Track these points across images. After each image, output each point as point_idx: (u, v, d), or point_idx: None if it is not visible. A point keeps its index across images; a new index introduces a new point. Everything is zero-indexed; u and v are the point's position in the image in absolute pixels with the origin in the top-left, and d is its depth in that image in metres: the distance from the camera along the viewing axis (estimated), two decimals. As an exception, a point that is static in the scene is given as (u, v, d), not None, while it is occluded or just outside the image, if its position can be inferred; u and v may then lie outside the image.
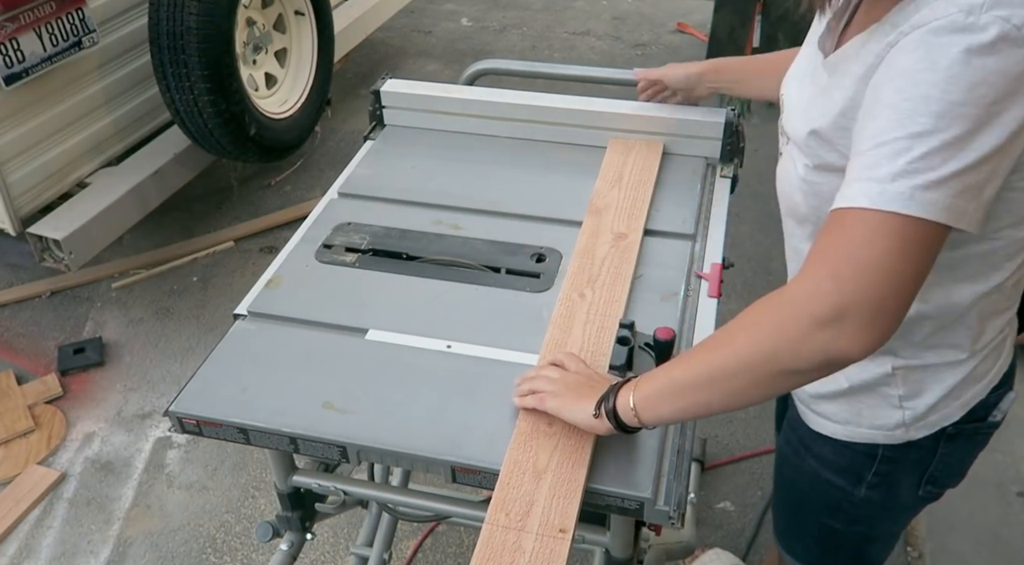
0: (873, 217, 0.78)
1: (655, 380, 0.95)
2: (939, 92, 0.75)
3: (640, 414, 0.95)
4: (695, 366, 0.91)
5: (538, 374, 1.08)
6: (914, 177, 0.76)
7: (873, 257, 0.78)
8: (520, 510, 0.98)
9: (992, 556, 2.07)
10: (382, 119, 1.78)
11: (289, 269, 1.39)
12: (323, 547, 2.18)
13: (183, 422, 1.15)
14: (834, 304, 0.79)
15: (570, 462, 1.03)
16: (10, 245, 2.64)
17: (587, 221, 1.43)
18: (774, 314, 0.85)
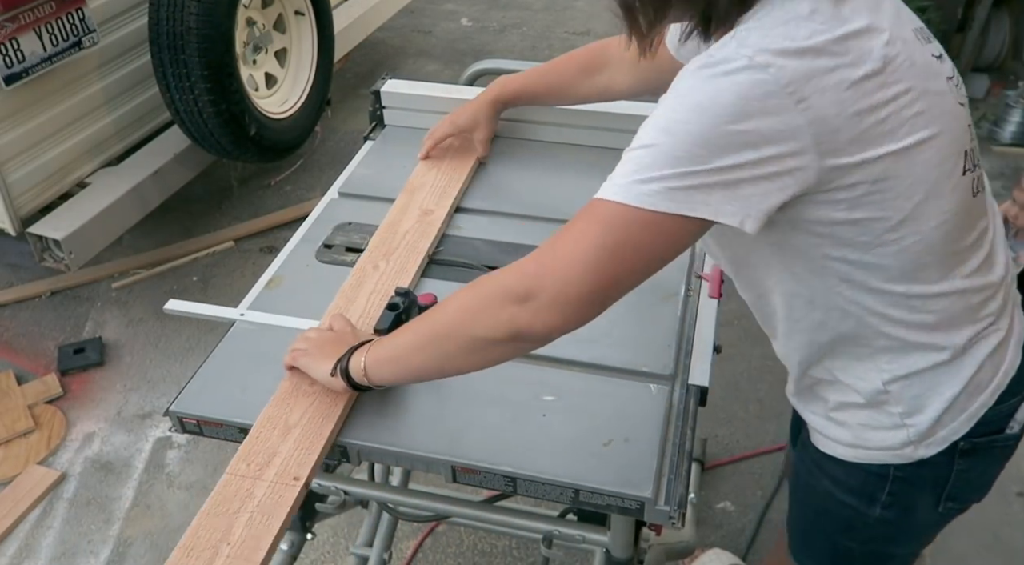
0: (595, 206, 0.87)
1: (384, 344, 1.05)
2: (669, 111, 0.85)
3: (369, 375, 1.04)
4: (415, 332, 1.01)
5: (302, 336, 1.16)
6: (632, 175, 0.85)
7: (578, 248, 0.86)
8: (261, 461, 1.05)
9: (992, 556, 2.07)
10: (382, 119, 1.78)
11: (289, 269, 1.39)
12: (323, 547, 2.18)
13: (183, 422, 1.15)
14: (527, 283, 0.89)
15: (320, 417, 1.09)
16: (10, 245, 2.64)
17: (400, 198, 1.50)
18: (482, 286, 0.95)
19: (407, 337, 1.03)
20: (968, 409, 1.05)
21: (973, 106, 3.93)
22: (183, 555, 0.95)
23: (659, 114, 0.86)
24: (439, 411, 1.13)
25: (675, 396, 1.15)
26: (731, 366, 2.63)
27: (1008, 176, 3.50)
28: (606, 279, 0.87)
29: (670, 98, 0.87)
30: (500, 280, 0.93)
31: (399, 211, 1.47)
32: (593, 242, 0.86)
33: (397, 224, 1.43)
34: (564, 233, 0.89)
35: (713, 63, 0.84)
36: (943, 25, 3.68)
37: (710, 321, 1.26)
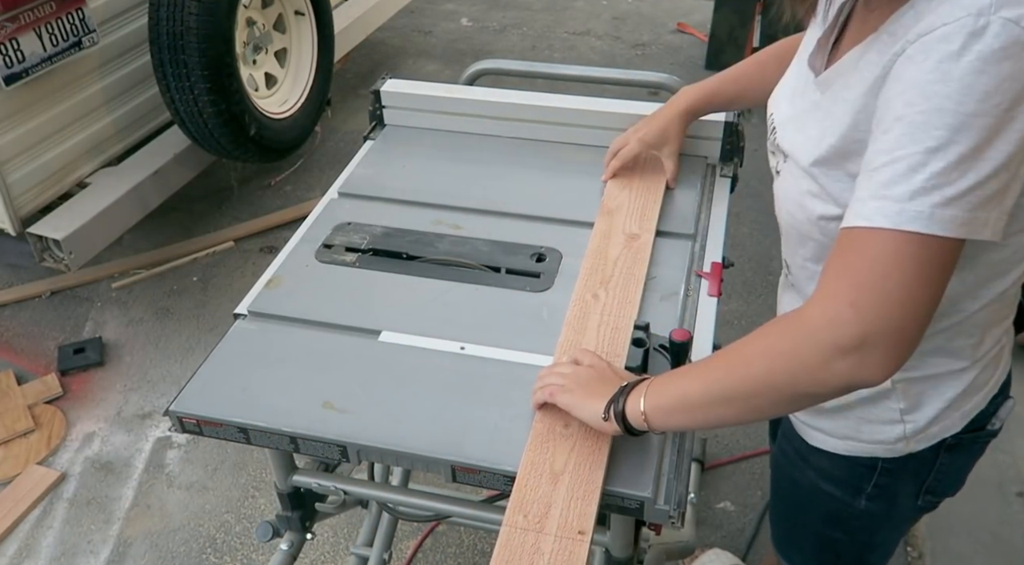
0: (892, 238, 0.76)
1: (667, 390, 0.94)
2: (953, 104, 0.73)
3: (650, 422, 0.95)
4: (710, 385, 0.90)
5: (552, 370, 1.08)
6: (932, 194, 0.75)
7: (893, 283, 0.77)
8: (538, 512, 0.98)
9: (992, 556, 2.07)
10: (382, 119, 1.78)
11: (289, 269, 1.39)
12: (323, 547, 2.18)
13: (183, 422, 1.15)
14: (855, 334, 0.78)
15: (587, 463, 1.02)
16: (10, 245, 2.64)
17: (599, 222, 1.43)
18: (793, 340, 0.83)
19: (699, 386, 0.92)
20: (962, 408, 1.06)
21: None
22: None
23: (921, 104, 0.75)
24: (439, 411, 1.12)
25: (675, 396, 1.15)
26: (731, 366, 2.62)
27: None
28: (926, 318, 0.79)
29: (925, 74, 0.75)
30: (814, 332, 0.81)
31: (602, 236, 1.39)
32: (909, 277, 0.77)
33: (605, 251, 1.36)
34: (868, 266, 0.78)
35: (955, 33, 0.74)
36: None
37: (710, 320, 1.26)
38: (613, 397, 0.98)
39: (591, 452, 1.03)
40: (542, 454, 1.04)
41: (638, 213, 1.44)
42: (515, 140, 1.71)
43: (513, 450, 1.06)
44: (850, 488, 1.13)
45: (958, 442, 1.08)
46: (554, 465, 1.02)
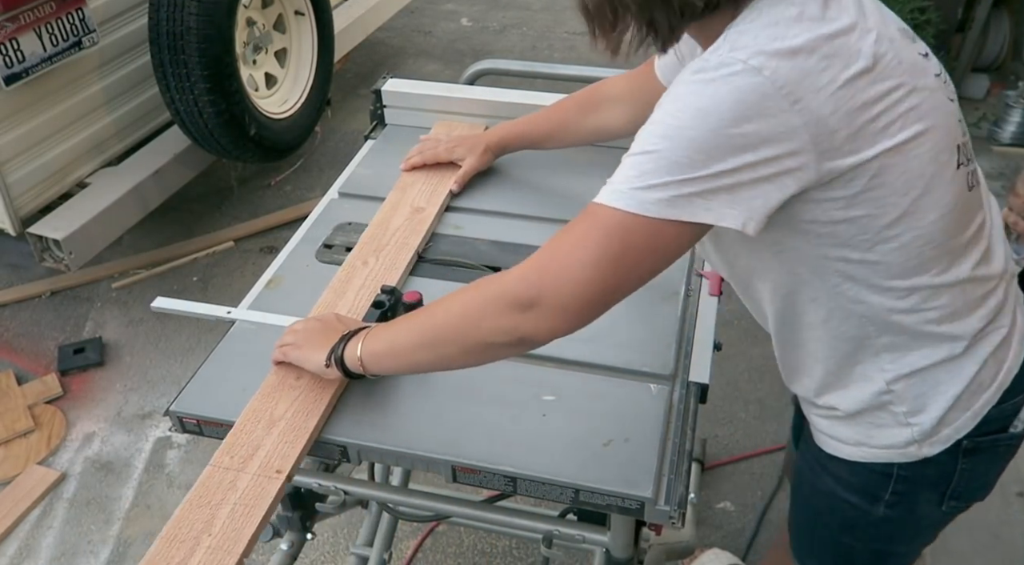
0: (596, 211, 0.88)
1: (381, 336, 1.05)
2: (670, 117, 0.85)
3: (365, 366, 1.06)
4: (414, 331, 1.02)
5: (289, 329, 1.17)
6: (634, 181, 0.85)
7: (571, 248, 0.88)
8: (244, 454, 1.06)
9: (992, 556, 2.07)
10: (383, 118, 1.78)
11: (289, 269, 1.39)
12: (323, 547, 2.18)
13: (183, 422, 1.15)
14: (529, 295, 0.89)
15: (305, 411, 1.10)
16: (10, 245, 2.64)
17: (390, 195, 1.50)
18: (484, 291, 0.95)
19: (405, 333, 1.03)
20: (972, 407, 1.05)
21: (973, 106, 3.94)
22: (166, 545, 0.95)
23: (658, 119, 0.87)
24: (439, 411, 1.12)
25: (675, 396, 1.15)
26: (731, 366, 2.63)
27: (1008, 176, 3.51)
28: (608, 285, 0.88)
29: (668, 103, 0.87)
30: (502, 286, 0.93)
31: (390, 208, 1.48)
32: (595, 249, 0.87)
33: (388, 221, 1.44)
34: (564, 238, 0.90)
35: (709, 67, 0.84)
36: (943, 25, 3.68)
37: (710, 319, 1.26)
38: (334, 345, 1.08)
39: (312, 402, 1.11)
40: (266, 403, 1.12)
41: (430, 189, 1.52)
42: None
43: (514, 450, 1.06)
44: (868, 496, 1.12)
45: (976, 446, 1.07)
46: (274, 413, 1.10)
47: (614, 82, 1.43)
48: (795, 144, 0.83)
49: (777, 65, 0.82)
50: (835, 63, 0.84)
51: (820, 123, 0.83)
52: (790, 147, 0.83)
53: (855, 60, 0.85)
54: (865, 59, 0.85)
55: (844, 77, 0.84)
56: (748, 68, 0.82)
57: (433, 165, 1.57)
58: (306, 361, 1.12)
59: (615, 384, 1.17)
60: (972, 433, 1.06)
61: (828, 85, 0.83)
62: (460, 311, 0.97)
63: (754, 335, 2.71)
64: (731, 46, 0.85)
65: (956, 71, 3.81)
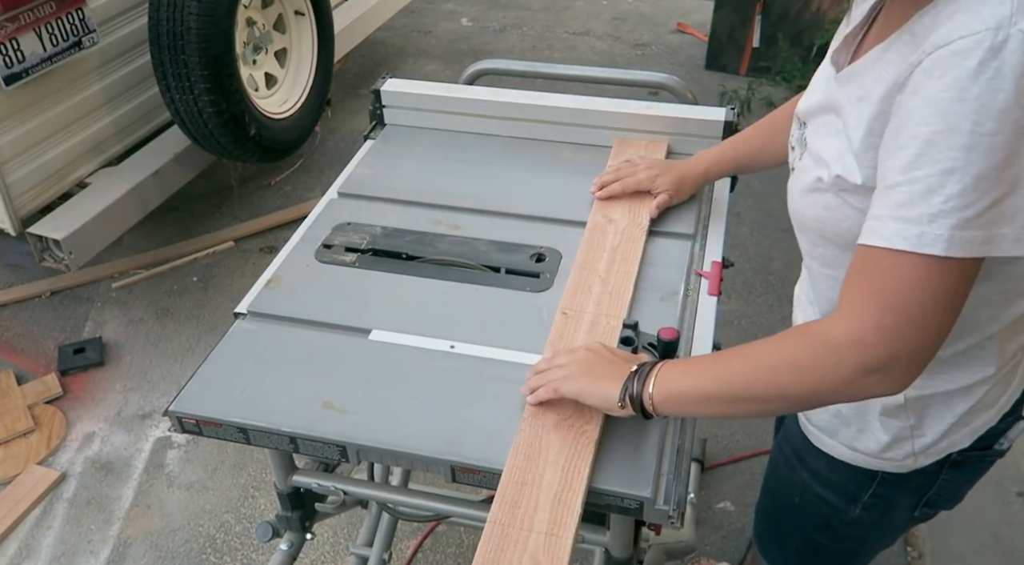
0: (911, 261, 0.77)
1: (681, 380, 0.96)
2: (969, 124, 0.72)
3: (657, 407, 0.96)
4: (729, 383, 0.92)
5: (549, 365, 1.06)
6: (950, 216, 0.75)
7: (914, 305, 0.79)
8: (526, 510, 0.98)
9: (992, 556, 2.07)
10: (382, 118, 1.78)
11: (289, 269, 1.39)
12: (323, 547, 2.18)
13: (183, 422, 1.15)
14: (881, 357, 0.81)
15: (573, 466, 1.02)
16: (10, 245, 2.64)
17: (592, 219, 1.43)
18: (818, 356, 0.85)
19: (717, 382, 0.93)
20: (971, 424, 1.05)
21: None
22: None
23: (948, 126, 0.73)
24: (439, 411, 1.12)
25: (675, 396, 1.15)
26: (731, 366, 2.62)
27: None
28: (943, 336, 0.82)
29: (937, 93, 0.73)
30: (839, 352, 0.83)
31: (597, 231, 1.39)
32: (928, 299, 0.79)
33: (600, 246, 1.36)
34: (889, 289, 0.80)
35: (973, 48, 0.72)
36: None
37: (709, 319, 1.26)
38: (627, 380, 0.98)
39: (577, 456, 1.02)
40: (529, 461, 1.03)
41: (632, 211, 1.44)
42: (515, 140, 1.71)
43: (513, 450, 1.06)
44: (846, 495, 1.12)
45: (963, 459, 1.07)
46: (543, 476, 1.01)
47: None
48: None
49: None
50: None
51: None
52: None
53: None
54: None
55: None
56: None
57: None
58: (591, 395, 1.01)
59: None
60: (964, 448, 1.06)
61: None
62: (790, 377, 0.87)
63: (754, 335, 2.70)
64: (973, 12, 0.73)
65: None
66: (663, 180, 1.41)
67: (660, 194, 1.41)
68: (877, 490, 1.10)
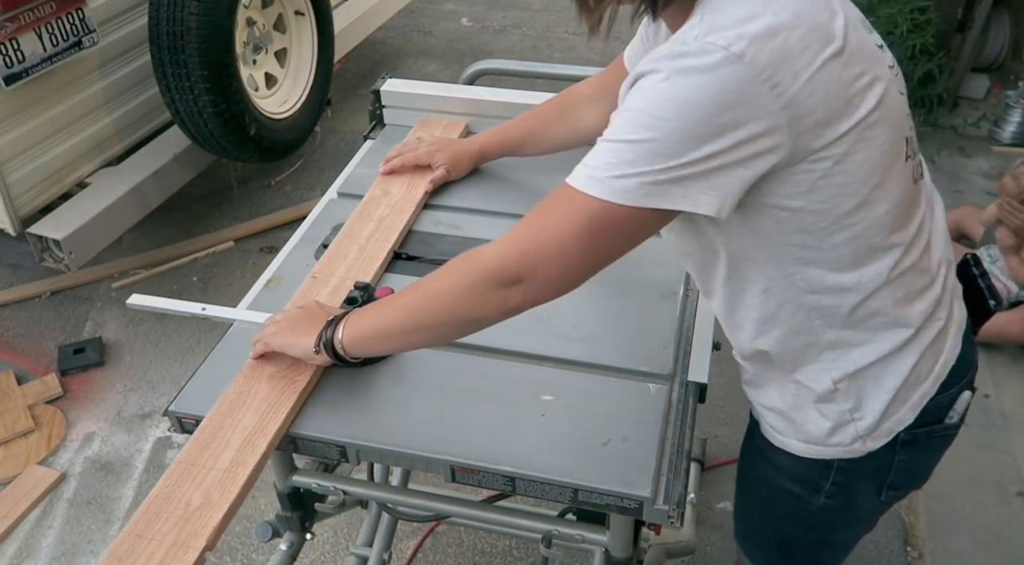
0: (575, 196, 0.90)
1: (365, 320, 1.08)
2: (648, 104, 0.86)
3: (348, 348, 1.08)
4: (404, 315, 1.04)
5: (268, 320, 1.18)
6: (612, 169, 0.87)
7: (560, 237, 0.91)
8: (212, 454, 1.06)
9: (992, 556, 2.07)
10: (382, 118, 1.78)
11: (289, 269, 1.39)
12: (323, 547, 2.18)
13: (183, 422, 1.15)
14: (514, 273, 0.94)
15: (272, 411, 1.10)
16: (10, 245, 2.64)
17: (371, 191, 1.51)
18: (468, 273, 0.98)
19: (389, 317, 1.06)
20: (910, 399, 1.06)
21: (973, 106, 3.94)
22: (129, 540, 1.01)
23: (637, 106, 0.87)
24: (439, 411, 1.13)
25: (674, 395, 1.15)
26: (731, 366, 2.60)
27: (1008, 176, 3.50)
28: (586, 262, 0.93)
29: (646, 89, 0.87)
30: (484, 267, 0.96)
31: (371, 204, 1.48)
32: (574, 231, 0.90)
33: (368, 216, 1.45)
34: (543, 219, 0.93)
35: (689, 54, 0.84)
36: (943, 25, 3.67)
37: (709, 318, 1.26)
38: (322, 329, 1.09)
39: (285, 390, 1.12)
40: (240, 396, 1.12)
41: (406, 187, 1.52)
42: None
43: (513, 450, 1.06)
44: (809, 486, 1.14)
45: (913, 437, 1.08)
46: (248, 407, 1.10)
47: (587, 84, 1.43)
48: (771, 127, 0.84)
49: (757, 50, 0.82)
50: (813, 43, 0.84)
51: (797, 105, 0.84)
52: (766, 130, 0.84)
53: (830, 40, 0.85)
54: (838, 41, 0.86)
55: (821, 58, 0.84)
56: (729, 56, 0.82)
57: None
58: (292, 346, 1.12)
59: (614, 384, 1.17)
60: (910, 425, 1.07)
61: (806, 67, 0.84)
62: (446, 293, 1.00)
63: (754, 335, 2.70)
64: (708, 27, 0.84)
65: (956, 71, 3.81)
66: (441, 156, 1.55)
67: (438, 168, 1.54)
68: (836, 478, 1.11)
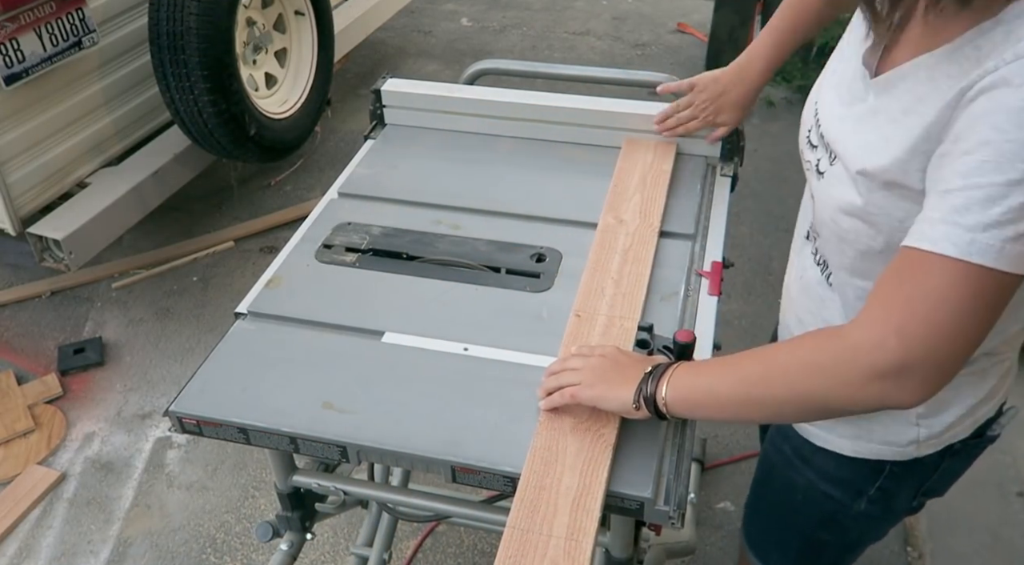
0: (954, 267, 0.74)
1: (695, 382, 0.95)
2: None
3: (671, 409, 0.96)
4: (742, 385, 0.91)
5: (563, 368, 1.06)
6: (1006, 228, 0.72)
7: (944, 313, 0.76)
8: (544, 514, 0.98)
9: (992, 556, 2.07)
10: (383, 118, 1.78)
11: (289, 269, 1.39)
12: (323, 547, 2.18)
13: (183, 422, 1.15)
14: (896, 361, 0.78)
15: (591, 469, 1.02)
16: (10, 245, 2.64)
17: (603, 219, 1.43)
18: (833, 357, 0.83)
19: (730, 384, 0.93)
20: (975, 415, 1.06)
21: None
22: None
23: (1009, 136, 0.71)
24: (439, 411, 1.12)
25: (675, 396, 1.15)
26: (731, 366, 2.62)
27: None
28: (972, 348, 0.80)
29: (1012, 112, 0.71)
30: (855, 353, 0.81)
31: (607, 233, 1.40)
32: (963, 310, 0.76)
33: (611, 247, 1.37)
34: (922, 293, 0.77)
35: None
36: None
37: (710, 318, 1.26)
38: (641, 382, 0.98)
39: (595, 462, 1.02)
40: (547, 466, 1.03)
41: (641, 213, 1.44)
42: (515, 140, 1.70)
43: (513, 450, 1.06)
44: (852, 490, 1.13)
45: (962, 447, 1.08)
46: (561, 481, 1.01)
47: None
48: None
49: None
50: None
51: None
52: None
53: None
54: None
55: None
56: None
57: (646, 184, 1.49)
58: (606, 400, 1.01)
59: (615, 384, 1.16)
60: (965, 437, 1.07)
61: None
62: (804, 380, 0.86)
63: (754, 335, 2.71)
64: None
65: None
66: (724, 116, 1.47)
67: (720, 128, 1.50)
68: (883, 483, 1.10)
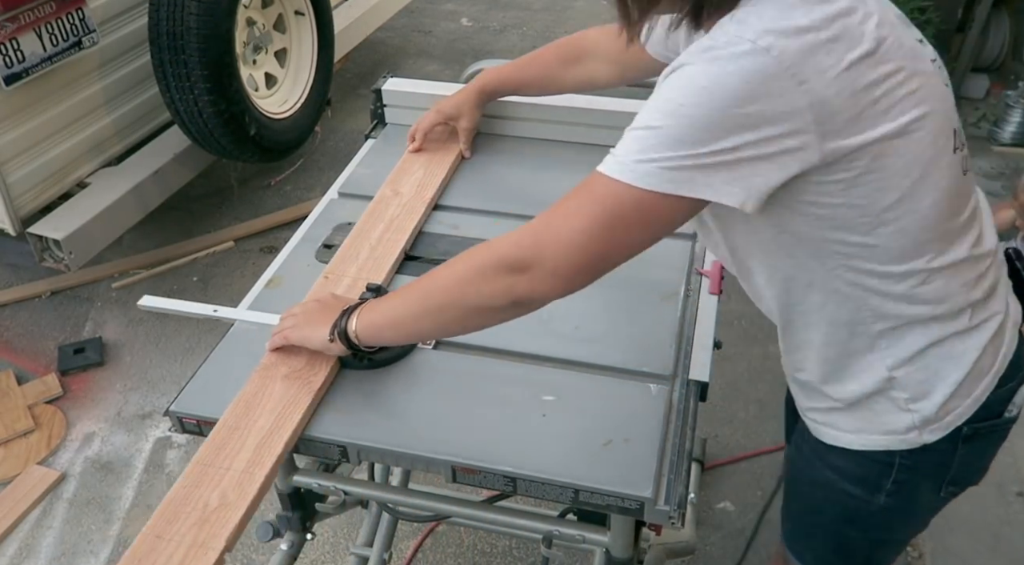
0: (596, 182, 0.90)
1: (378, 310, 1.09)
2: (673, 92, 0.86)
3: (362, 337, 1.09)
4: (411, 302, 1.05)
5: (286, 314, 1.19)
6: (635, 154, 0.87)
7: (573, 222, 0.90)
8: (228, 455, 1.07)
9: (992, 556, 2.07)
10: (383, 118, 1.78)
11: (289, 269, 1.39)
12: (323, 547, 2.18)
13: (183, 422, 1.15)
14: (526, 257, 0.92)
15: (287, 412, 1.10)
16: (10, 245, 2.64)
17: (381, 191, 1.52)
18: (479, 257, 0.97)
19: (404, 304, 1.06)
20: (972, 393, 1.06)
21: (973, 106, 3.93)
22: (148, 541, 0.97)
23: (664, 96, 0.87)
24: (439, 411, 1.12)
25: (675, 396, 1.15)
26: (731, 366, 2.63)
27: (1008, 176, 3.50)
28: (600, 253, 0.91)
29: (674, 79, 0.87)
30: (495, 251, 0.96)
31: (381, 203, 1.48)
32: (589, 217, 0.89)
33: (378, 216, 1.45)
34: (561, 205, 0.92)
35: (717, 46, 0.85)
36: (943, 25, 3.67)
37: (710, 317, 1.26)
38: (337, 319, 1.11)
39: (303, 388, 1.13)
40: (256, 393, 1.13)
41: (418, 186, 1.53)
42: (515, 139, 1.71)
43: (513, 450, 1.06)
44: (869, 485, 1.13)
45: (975, 432, 1.08)
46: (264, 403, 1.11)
47: (594, 37, 1.45)
48: (798, 124, 0.84)
49: (785, 44, 0.83)
50: (840, 45, 0.85)
51: (824, 104, 0.84)
52: (792, 127, 0.84)
53: (859, 43, 0.86)
54: (868, 42, 0.86)
55: (848, 59, 0.85)
56: (756, 48, 0.83)
57: (423, 158, 1.60)
58: (309, 339, 1.14)
59: (615, 384, 1.17)
60: (971, 419, 1.07)
61: (833, 66, 0.84)
62: (456, 278, 1.00)
63: (754, 336, 2.71)
64: (739, 25, 0.86)
65: (956, 71, 3.81)
66: (448, 108, 1.60)
67: (461, 133, 1.61)
68: (898, 476, 1.11)
